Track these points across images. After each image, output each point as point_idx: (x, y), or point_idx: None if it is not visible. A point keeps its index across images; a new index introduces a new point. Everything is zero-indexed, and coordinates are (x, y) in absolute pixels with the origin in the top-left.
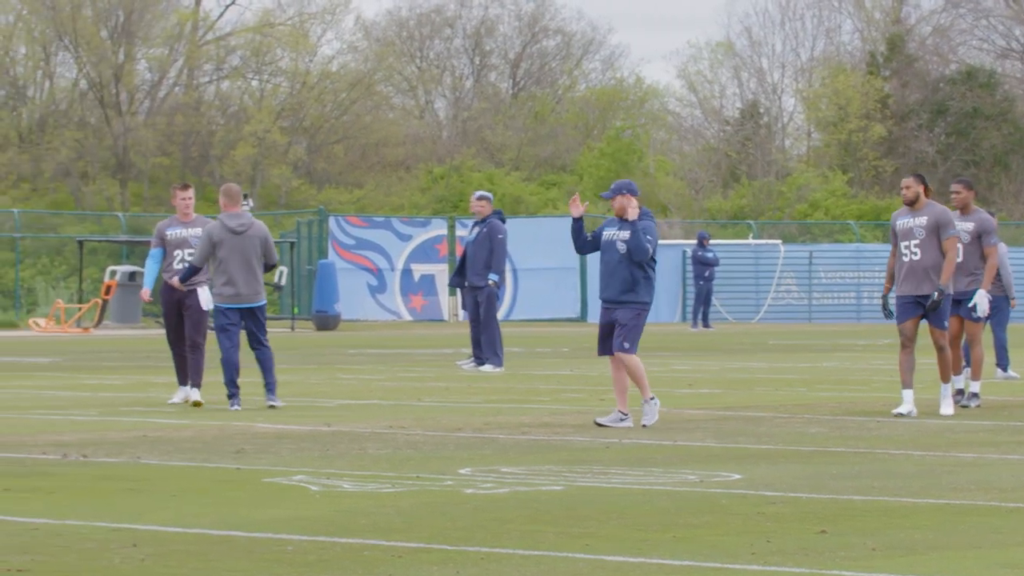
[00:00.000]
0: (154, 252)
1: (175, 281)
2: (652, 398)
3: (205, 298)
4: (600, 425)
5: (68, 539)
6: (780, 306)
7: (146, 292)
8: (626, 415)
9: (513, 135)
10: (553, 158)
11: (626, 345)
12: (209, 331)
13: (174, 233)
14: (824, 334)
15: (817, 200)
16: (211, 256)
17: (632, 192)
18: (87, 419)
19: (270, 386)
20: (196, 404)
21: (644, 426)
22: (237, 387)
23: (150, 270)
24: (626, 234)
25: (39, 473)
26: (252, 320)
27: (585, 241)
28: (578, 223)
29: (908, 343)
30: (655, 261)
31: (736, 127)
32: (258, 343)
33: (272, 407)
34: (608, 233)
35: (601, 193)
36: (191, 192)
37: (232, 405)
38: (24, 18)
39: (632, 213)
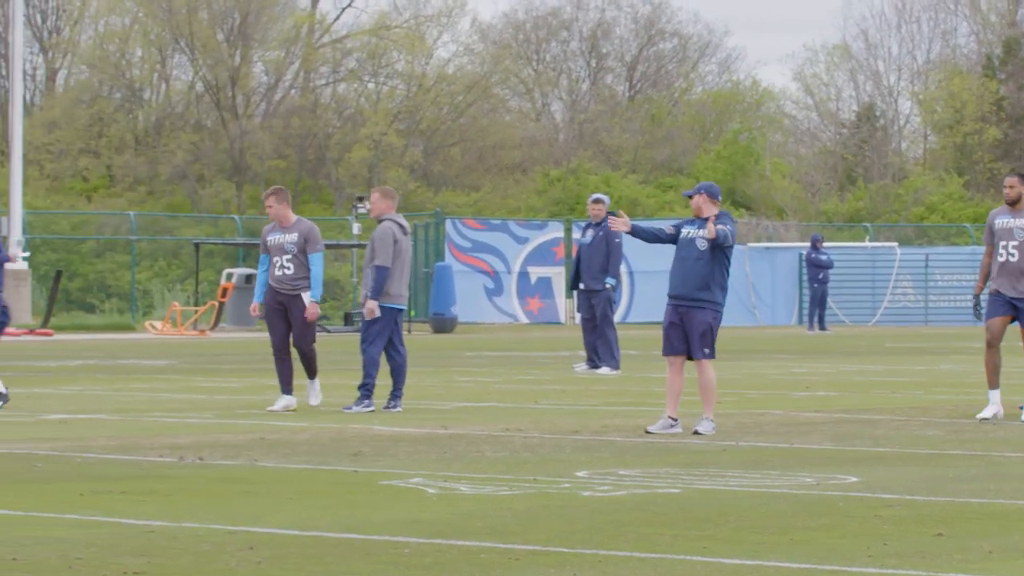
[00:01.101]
0: (263, 258)
1: (371, 304)
2: (711, 420)
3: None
4: (650, 433)
5: (184, 542)
6: (896, 309)
7: (256, 307)
8: (675, 421)
9: (629, 138)
10: (669, 161)
11: (706, 351)
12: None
13: (273, 239)
14: (940, 337)
15: (933, 203)
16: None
17: (712, 195)
18: (203, 422)
19: (399, 392)
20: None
21: (697, 432)
22: (373, 388)
23: (260, 280)
24: (705, 231)
25: (156, 476)
26: (400, 321)
27: (664, 236)
28: (639, 233)
29: (994, 341)
30: (730, 262)
31: (852, 130)
32: (397, 347)
33: (392, 410)
34: (687, 230)
35: (683, 192)
36: (271, 199)
37: (367, 406)
38: (140, 21)
39: (709, 231)
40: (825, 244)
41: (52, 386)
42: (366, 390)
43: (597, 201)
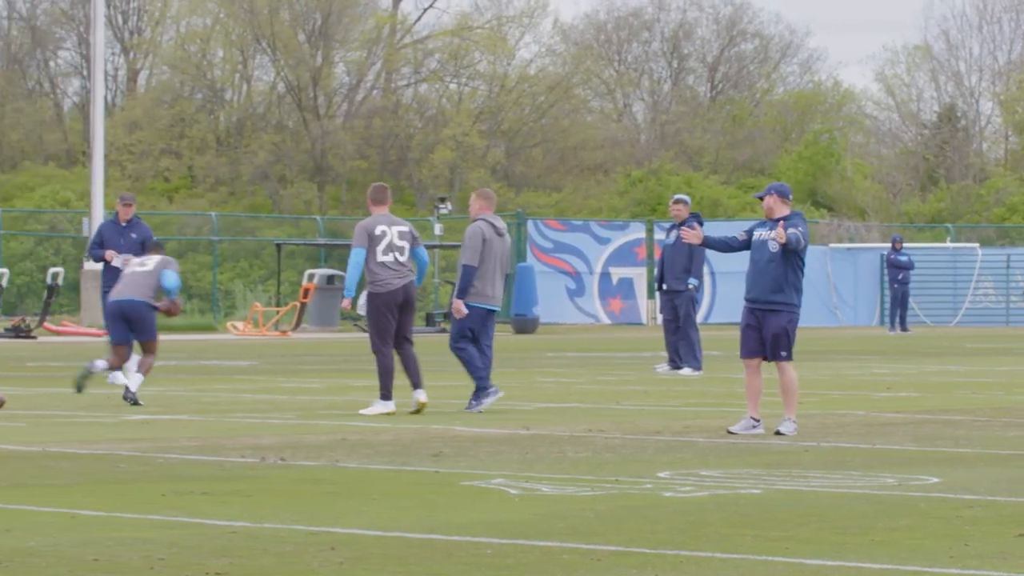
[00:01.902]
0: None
1: (458, 304)
2: (793, 420)
3: (362, 303)
4: (732, 433)
5: (266, 542)
6: (978, 309)
7: (346, 302)
8: (758, 421)
9: (711, 138)
10: (751, 161)
11: (783, 354)
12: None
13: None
14: (1021, 338)
15: (1015, 204)
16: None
17: (783, 195)
18: (285, 422)
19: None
20: (422, 405)
21: (779, 433)
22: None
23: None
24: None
25: (238, 476)
26: (490, 323)
27: (735, 243)
28: (712, 245)
29: None
30: (803, 263)
31: (933, 131)
32: (483, 349)
33: (473, 410)
34: (759, 232)
35: (754, 193)
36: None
37: (492, 395)
38: (222, 22)
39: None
40: (906, 245)
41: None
42: (483, 383)
43: (678, 202)
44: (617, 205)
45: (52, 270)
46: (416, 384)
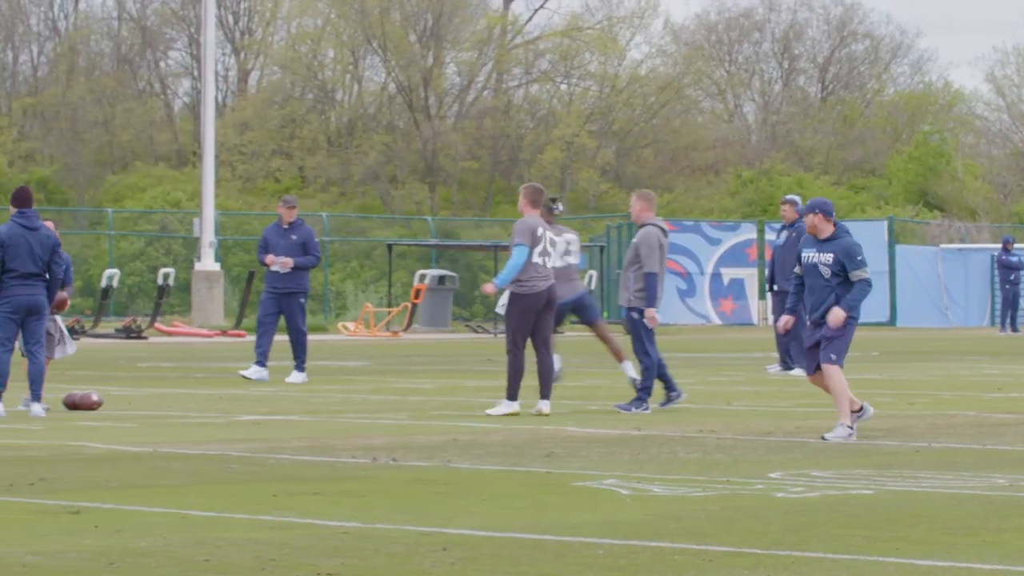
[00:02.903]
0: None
1: (651, 312)
2: (850, 428)
3: (503, 302)
4: (825, 439)
5: (378, 543)
6: None
7: (491, 287)
8: (853, 426)
9: (822, 139)
10: (862, 162)
11: (833, 356)
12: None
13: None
14: None
15: None
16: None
17: (826, 212)
18: (397, 423)
19: (646, 390)
20: (543, 416)
21: (824, 439)
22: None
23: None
24: (827, 256)
25: (349, 477)
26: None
27: (799, 283)
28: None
29: None
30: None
31: None
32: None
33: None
34: (808, 254)
35: (796, 208)
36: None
37: (644, 408)
38: (333, 22)
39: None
40: (1017, 245)
41: (245, 387)
42: (645, 393)
43: (788, 202)
44: (728, 206)
45: (163, 271)
46: (544, 394)
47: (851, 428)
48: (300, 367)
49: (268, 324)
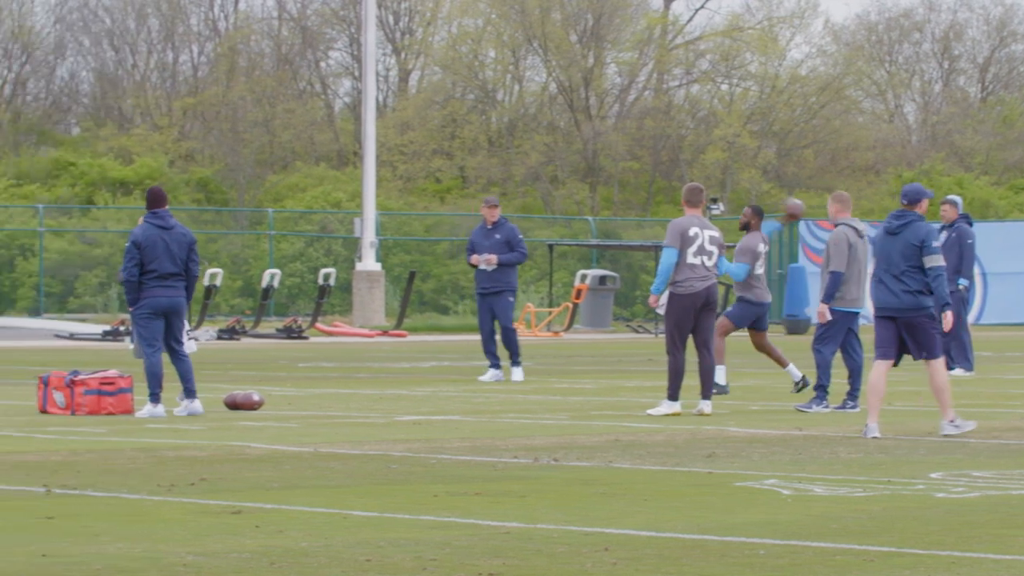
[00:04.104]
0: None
1: (822, 308)
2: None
3: (662, 303)
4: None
5: (539, 543)
6: None
7: (652, 298)
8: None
9: (982, 139)
10: (1022, 162)
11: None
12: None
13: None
14: None
15: None
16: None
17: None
18: (558, 423)
19: (855, 392)
20: (704, 416)
21: (946, 434)
22: (828, 389)
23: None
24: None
25: (510, 477)
26: (854, 325)
27: None
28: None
29: None
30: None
31: None
32: (855, 349)
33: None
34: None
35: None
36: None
37: (824, 406)
38: (493, 22)
39: None
40: None
41: (406, 387)
42: (823, 391)
43: (948, 203)
44: (888, 206)
45: (324, 271)
46: (705, 394)
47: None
48: (516, 363)
49: (487, 327)
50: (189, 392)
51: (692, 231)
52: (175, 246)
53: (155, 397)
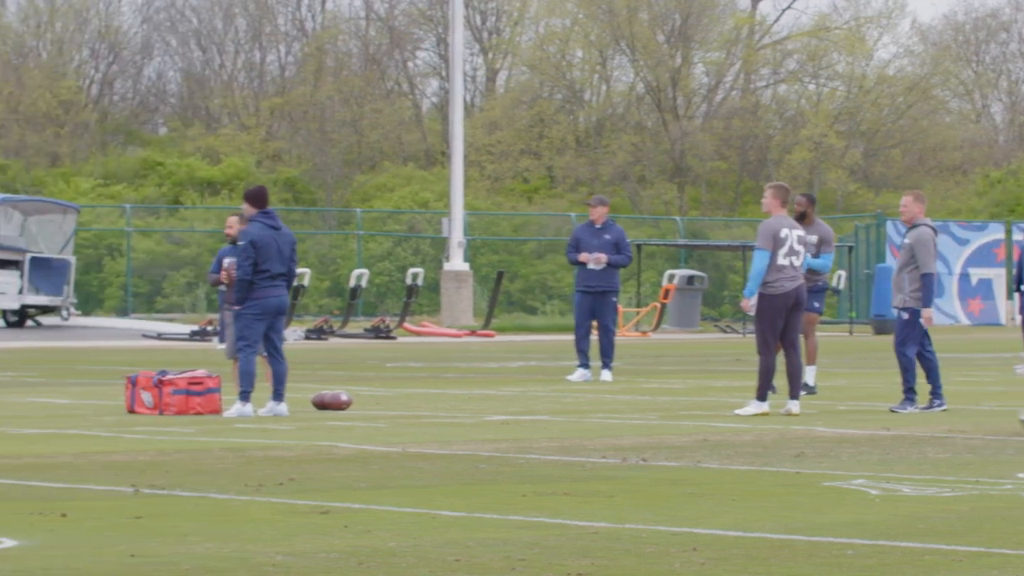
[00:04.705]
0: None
1: (928, 313)
2: None
3: (752, 303)
4: None
5: (627, 543)
6: None
7: (745, 302)
8: None
9: None
10: None
11: None
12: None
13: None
14: None
15: None
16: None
17: None
18: (646, 423)
19: (938, 391)
20: (792, 416)
21: None
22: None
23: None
24: None
25: (599, 477)
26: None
27: None
28: None
29: None
30: None
31: None
32: (927, 348)
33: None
34: None
35: None
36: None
37: (915, 406)
38: (581, 22)
39: None
40: None
41: (494, 387)
42: (912, 393)
43: None
44: (976, 206)
45: (412, 271)
46: (793, 395)
47: None
48: (607, 365)
49: (585, 326)
50: (278, 395)
51: (783, 233)
52: (284, 247)
53: (245, 396)
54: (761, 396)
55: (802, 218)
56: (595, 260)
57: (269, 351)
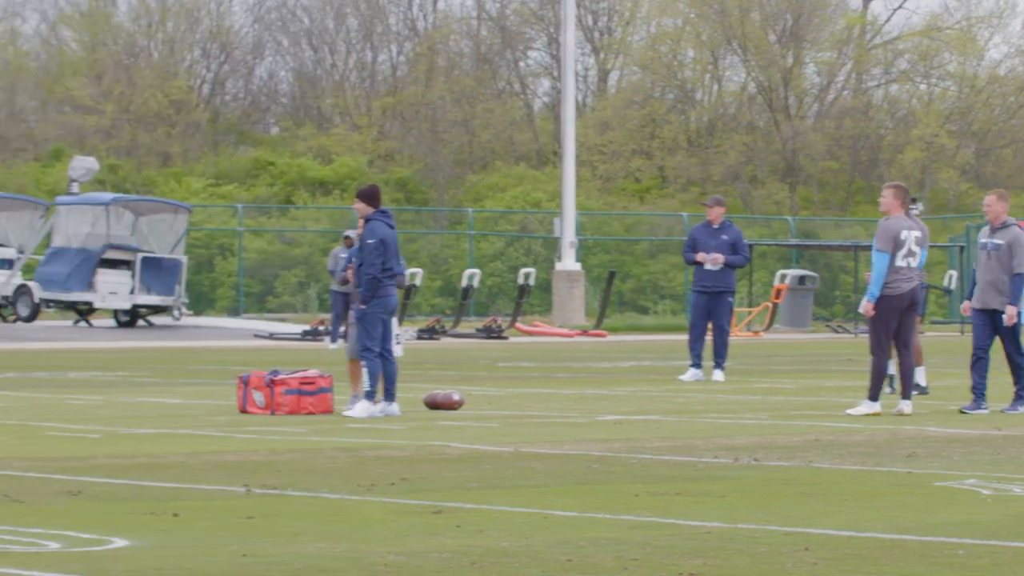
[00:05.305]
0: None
1: (1012, 311)
2: None
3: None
4: None
5: (740, 543)
6: None
7: (868, 306)
8: None
9: None
10: None
11: None
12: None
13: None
14: None
15: None
16: None
17: None
18: (757, 423)
19: (1022, 393)
20: (904, 416)
21: None
22: None
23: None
24: None
25: (711, 477)
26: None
27: None
28: None
29: None
30: None
31: None
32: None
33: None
34: None
35: None
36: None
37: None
38: (692, 22)
39: None
40: None
41: (606, 387)
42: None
43: None
44: None
45: (524, 270)
46: (905, 395)
47: None
48: (720, 365)
49: (700, 326)
50: (389, 395)
51: (903, 234)
52: (397, 246)
53: (371, 395)
54: (873, 396)
55: None
56: (712, 260)
57: (384, 350)
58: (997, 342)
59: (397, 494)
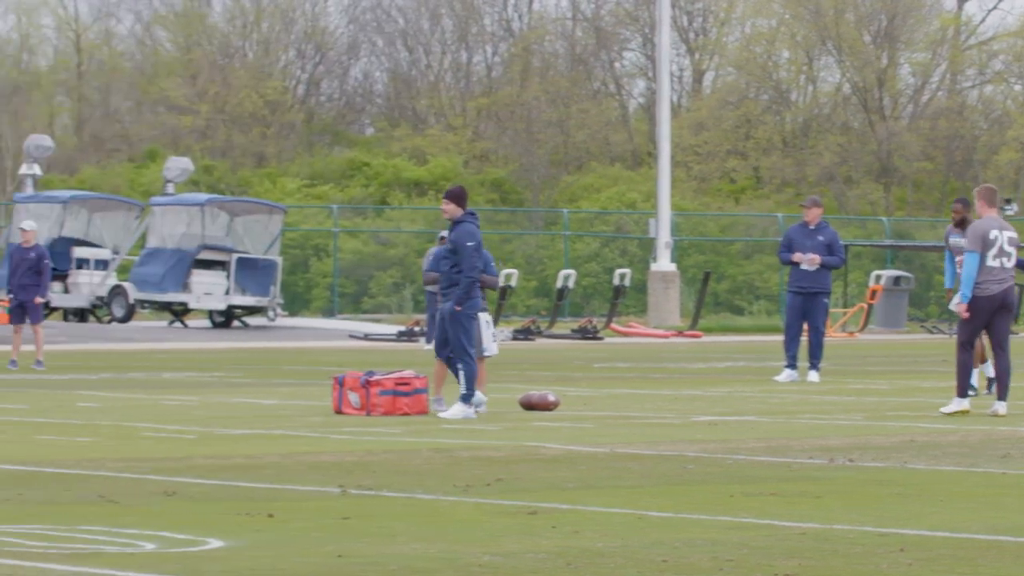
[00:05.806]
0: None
1: None
2: None
3: (956, 301)
4: None
5: (835, 543)
6: None
7: (961, 308)
8: None
9: None
10: None
11: None
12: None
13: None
14: None
15: None
16: None
17: None
18: (853, 423)
19: None
20: (998, 417)
21: None
22: None
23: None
24: None
25: (806, 477)
26: None
27: None
28: None
29: None
30: None
31: None
32: None
33: None
34: None
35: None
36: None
37: None
38: (787, 23)
39: None
40: None
41: (701, 388)
42: None
43: None
44: None
45: (619, 271)
46: (1000, 396)
47: None
48: (815, 366)
49: (796, 327)
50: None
51: (992, 234)
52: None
53: (468, 398)
54: (961, 393)
55: (962, 224)
56: (808, 261)
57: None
58: None
59: (492, 495)
